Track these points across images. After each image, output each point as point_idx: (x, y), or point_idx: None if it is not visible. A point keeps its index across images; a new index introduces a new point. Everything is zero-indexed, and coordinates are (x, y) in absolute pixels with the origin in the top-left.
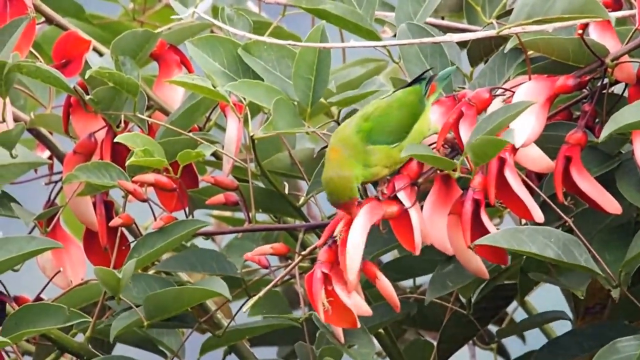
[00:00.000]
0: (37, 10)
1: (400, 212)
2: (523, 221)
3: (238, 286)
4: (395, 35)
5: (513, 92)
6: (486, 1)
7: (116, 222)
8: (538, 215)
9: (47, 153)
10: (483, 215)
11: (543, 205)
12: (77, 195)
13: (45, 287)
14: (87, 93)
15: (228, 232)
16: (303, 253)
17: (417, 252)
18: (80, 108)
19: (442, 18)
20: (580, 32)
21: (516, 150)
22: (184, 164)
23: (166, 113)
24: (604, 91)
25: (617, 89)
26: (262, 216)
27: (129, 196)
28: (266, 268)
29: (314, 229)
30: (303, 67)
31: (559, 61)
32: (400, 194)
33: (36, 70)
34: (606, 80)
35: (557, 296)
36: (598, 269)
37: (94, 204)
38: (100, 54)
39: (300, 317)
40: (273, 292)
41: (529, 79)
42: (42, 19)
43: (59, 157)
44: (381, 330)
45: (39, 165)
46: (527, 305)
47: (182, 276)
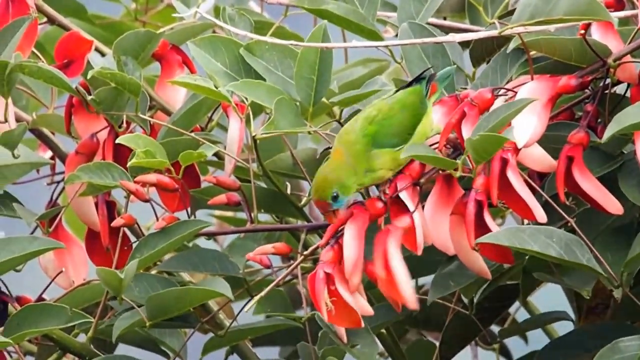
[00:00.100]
0: (39, 10)
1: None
2: (525, 221)
3: (240, 286)
4: (397, 35)
5: (515, 92)
6: (488, 1)
7: (118, 223)
8: (540, 215)
9: (49, 153)
10: (486, 215)
11: (545, 205)
12: (79, 195)
13: (47, 288)
14: (89, 93)
15: (230, 233)
16: (305, 253)
17: (420, 253)
18: (82, 108)
19: (444, 18)
20: (582, 33)
21: (518, 150)
22: (186, 164)
23: (168, 113)
24: (606, 91)
25: (620, 89)
26: (264, 216)
27: (131, 196)
28: (268, 268)
29: (316, 229)
30: (305, 67)
31: (561, 61)
32: (402, 194)
33: (38, 70)
34: (608, 80)
35: (559, 296)
36: (600, 269)
37: (96, 204)
38: (102, 54)
39: (302, 317)
40: (275, 292)
41: (531, 79)
42: (44, 19)
43: (61, 158)
44: (383, 330)
45: (41, 165)
46: (530, 305)
47: (184, 276)
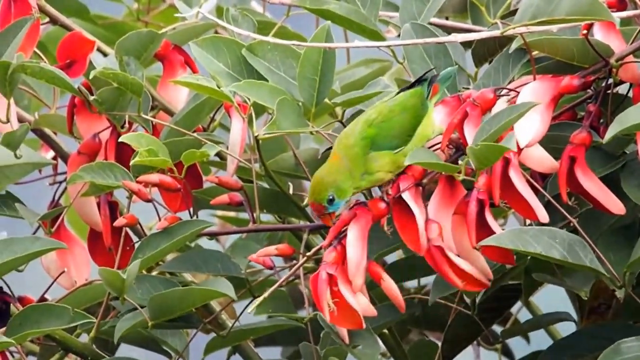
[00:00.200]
0: (42, 10)
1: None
2: (527, 221)
3: (242, 286)
4: (399, 35)
5: (518, 93)
6: (490, 1)
7: (120, 223)
8: (543, 215)
9: (52, 153)
10: (488, 215)
11: (547, 205)
12: (82, 195)
13: (49, 288)
14: (92, 93)
15: (232, 233)
16: (308, 254)
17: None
18: (84, 108)
19: (446, 18)
20: (584, 33)
21: (521, 150)
22: (188, 164)
23: (170, 113)
24: (609, 91)
25: (622, 89)
26: (267, 216)
27: (133, 196)
28: (271, 269)
29: (319, 229)
30: (308, 68)
31: (564, 61)
32: (405, 195)
33: (40, 70)
34: (611, 80)
35: (562, 296)
36: (603, 270)
37: (98, 205)
38: (104, 55)
39: (304, 318)
40: (278, 292)
41: (534, 79)
42: (47, 19)
43: (63, 158)
44: (385, 330)
45: (43, 165)
46: (532, 305)
47: (187, 277)
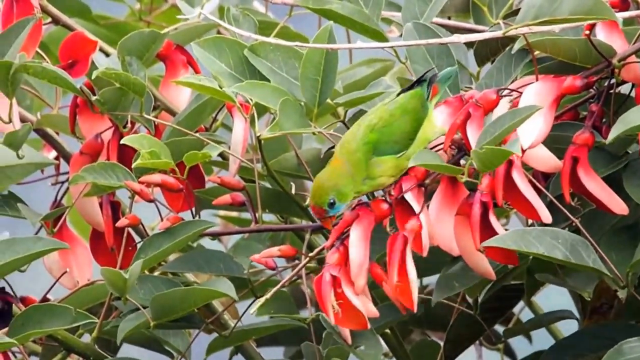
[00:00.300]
0: (44, 10)
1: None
2: (530, 222)
3: (245, 287)
4: (401, 35)
5: (520, 93)
6: (493, 1)
7: (123, 223)
8: (545, 215)
9: (54, 153)
10: (491, 217)
11: (550, 205)
12: (84, 195)
13: (51, 288)
14: (94, 93)
15: (234, 233)
16: (310, 254)
17: (425, 254)
18: (86, 108)
19: (449, 18)
20: (587, 33)
21: (523, 151)
22: (191, 165)
23: (173, 113)
24: (611, 91)
25: (624, 89)
26: (269, 216)
27: (136, 197)
28: (273, 270)
29: (321, 230)
30: (310, 68)
31: (566, 61)
32: (407, 195)
33: (43, 70)
34: (613, 80)
35: (564, 296)
36: (606, 270)
37: (101, 205)
38: (106, 55)
39: (307, 318)
40: (280, 292)
41: (536, 80)
42: (49, 20)
43: (66, 158)
44: (387, 330)
45: (46, 165)
46: (534, 305)
47: (189, 277)
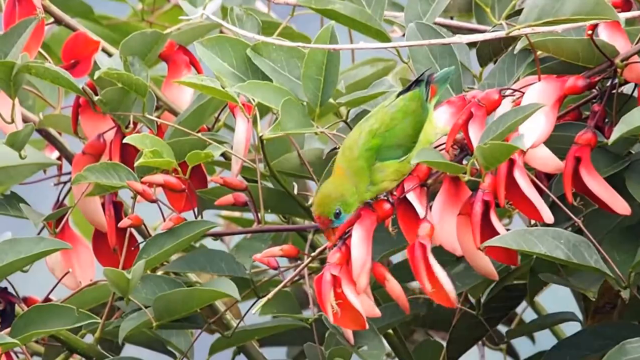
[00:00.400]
0: (46, 10)
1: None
2: (532, 222)
3: (247, 287)
4: (404, 35)
5: (522, 93)
6: (495, 1)
7: (125, 223)
8: (548, 216)
9: (56, 154)
10: (493, 216)
11: (552, 206)
12: (86, 195)
13: (54, 288)
14: (96, 94)
15: (237, 233)
16: (312, 254)
17: None
18: (89, 109)
19: (451, 18)
20: (589, 33)
21: (526, 151)
22: (193, 165)
23: (175, 114)
24: (614, 91)
25: (627, 89)
26: (271, 217)
27: (138, 197)
28: (275, 269)
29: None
30: (312, 68)
31: (569, 62)
32: (410, 196)
33: (45, 70)
34: (616, 80)
35: (567, 296)
36: (608, 270)
37: (103, 205)
38: (109, 55)
39: (309, 318)
40: (283, 292)
41: (539, 80)
42: (51, 20)
43: (68, 158)
44: (390, 330)
45: (48, 165)
46: (537, 305)
47: (191, 277)
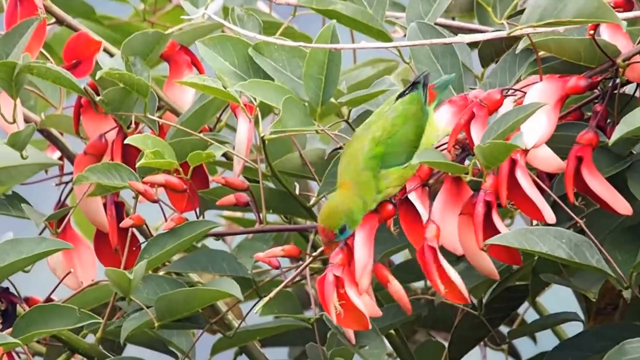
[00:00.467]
0: (48, 11)
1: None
2: (534, 222)
3: (249, 287)
4: (405, 35)
5: (524, 93)
6: (497, 1)
7: (127, 223)
8: (549, 216)
9: (58, 154)
10: (495, 216)
11: (554, 205)
12: (88, 196)
13: (55, 288)
14: (98, 94)
15: (239, 233)
16: (314, 254)
17: None
18: (90, 109)
19: (453, 18)
20: (591, 33)
21: (527, 151)
22: (195, 165)
23: (177, 114)
24: (615, 91)
25: (629, 89)
26: (273, 217)
27: (140, 197)
28: (277, 269)
29: None
30: (314, 67)
31: (571, 61)
32: (411, 196)
33: (47, 71)
34: (617, 80)
35: (569, 297)
36: (609, 270)
37: (105, 205)
38: (110, 55)
39: (311, 318)
40: (284, 293)
41: (541, 80)
42: (53, 20)
43: (70, 158)
44: (392, 331)
45: (50, 166)
46: (539, 306)
47: (193, 277)
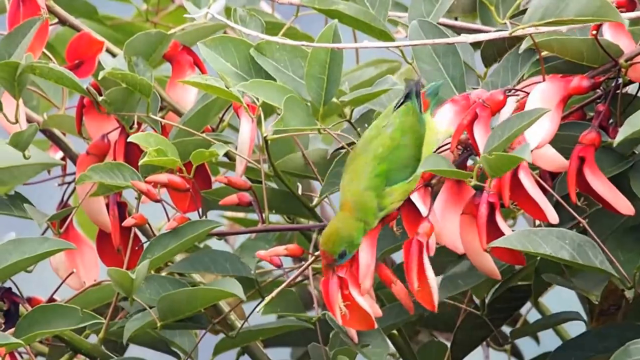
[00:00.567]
0: (50, 11)
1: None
2: (537, 222)
3: (252, 287)
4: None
5: (527, 93)
6: (500, 1)
7: (129, 223)
8: (553, 216)
9: (60, 154)
10: (498, 217)
11: (556, 206)
12: (90, 196)
13: (58, 288)
14: (100, 94)
15: (241, 233)
16: (316, 254)
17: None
18: (93, 109)
19: (455, 18)
20: (594, 33)
21: (530, 151)
22: (197, 165)
23: (179, 114)
24: (618, 91)
25: (632, 89)
26: (276, 217)
27: (142, 197)
28: (279, 267)
29: None
30: (316, 67)
31: (573, 61)
32: (413, 196)
33: (49, 71)
34: (620, 80)
35: (571, 297)
36: (613, 270)
37: (107, 205)
38: (113, 55)
39: (313, 318)
40: (287, 293)
41: (543, 80)
42: (55, 20)
43: (72, 158)
44: (395, 331)
45: (52, 166)
46: (541, 306)
47: (196, 277)
